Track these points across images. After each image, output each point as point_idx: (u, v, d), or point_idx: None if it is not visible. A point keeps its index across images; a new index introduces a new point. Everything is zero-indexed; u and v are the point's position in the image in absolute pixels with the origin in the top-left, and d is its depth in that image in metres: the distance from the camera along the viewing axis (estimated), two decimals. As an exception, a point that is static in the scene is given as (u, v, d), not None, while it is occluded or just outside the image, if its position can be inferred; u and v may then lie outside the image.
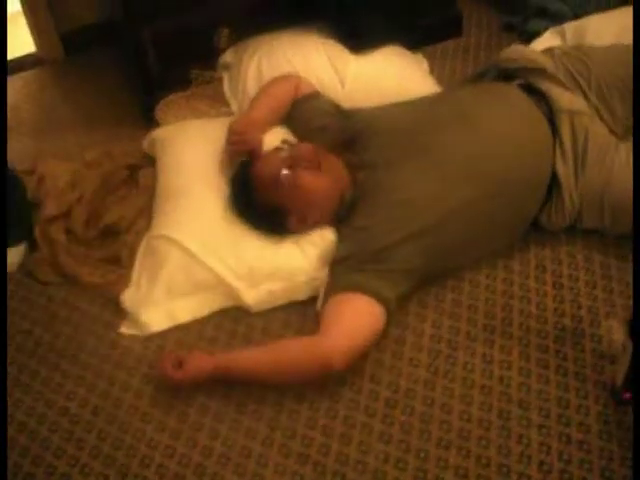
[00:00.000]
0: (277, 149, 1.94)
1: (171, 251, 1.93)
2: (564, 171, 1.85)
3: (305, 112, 2.14)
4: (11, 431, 1.71)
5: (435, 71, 2.58)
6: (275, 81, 2.22)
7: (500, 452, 1.54)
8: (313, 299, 1.86)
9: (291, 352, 1.71)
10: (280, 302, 1.90)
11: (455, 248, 1.84)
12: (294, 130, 2.15)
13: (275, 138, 2.04)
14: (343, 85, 2.27)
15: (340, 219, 1.90)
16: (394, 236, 1.76)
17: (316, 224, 1.91)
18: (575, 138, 1.87)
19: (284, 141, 1.96)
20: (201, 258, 1.89)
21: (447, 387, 1.68)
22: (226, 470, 1.59)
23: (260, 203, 1.90)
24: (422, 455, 1.56)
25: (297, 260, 1.90)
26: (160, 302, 1.91)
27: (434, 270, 1.84)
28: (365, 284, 1.71)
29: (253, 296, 1.89)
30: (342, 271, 1.78)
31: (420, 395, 1.67)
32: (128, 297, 1.94)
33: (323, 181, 1.87)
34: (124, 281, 1.98)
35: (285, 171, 1.84)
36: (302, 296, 1.90)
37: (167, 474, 1.59)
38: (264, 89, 2.21)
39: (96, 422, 1.71)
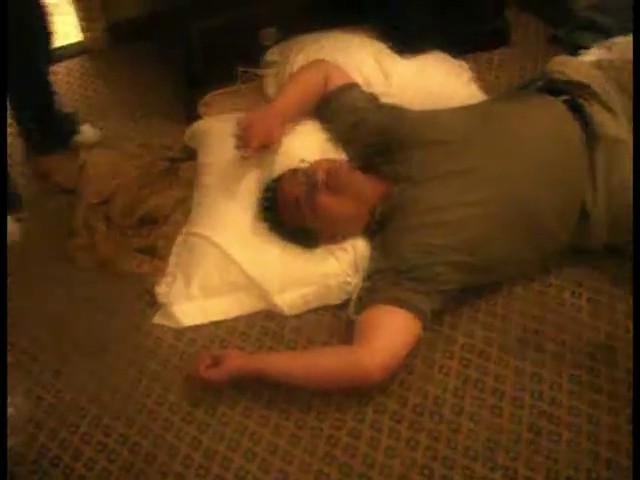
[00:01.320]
0: (294, 171, 1.91)
1: (208, 250, 1.95)
2: (593, 204, 1.80)
3: (339, 106, 2.09)
4: (40, 413, 1.73)
5: (478, 80, 2.56)
6: (305, 69, 2.16)
7: (528, 466, 1.53)
8: (345, 301, 1.87)
9: (329, 361, 1.69)
10: (313, 306, 1.91)
11: (490, 268, 1.81)
12: (326, 124, 2.13)
13: (305, 132, 2.06)
14: (390, 86, 2.26)
15: (373, 231, 1.90)
16: (428, 258, 1.73)
17: (348, 237, 1.91)
18: (610, 169, 1.81)
19: (302, 160, 1.93)
20: (237, 260, 1.91)
21: (477, 397, 1.67)
22: (252, 465, 1.59)
23: (287, 223, 1.91)
24: (448, 464, 1.55)
25: (329, 265, 1.90)
26: (194, 298, 1.93)
27: (469, 285, 1.82)
28: (405, 299, 1.69)
29: (286, 300, 1.90)
30: (380, 282, 1.75)
31: (449, 403, 1.66)
32: (163, 289, 1.96)
33: (344, 203, 1.84)
34: (159, 272, 2.00)
35: (303, 196, 1.83)
36: (334, 300, 1.90)
37: (192, 465, 1.60)
38: (293, 77, 2.17)
39: (125, 410, 1.73)
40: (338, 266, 1.89)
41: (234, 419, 1.68)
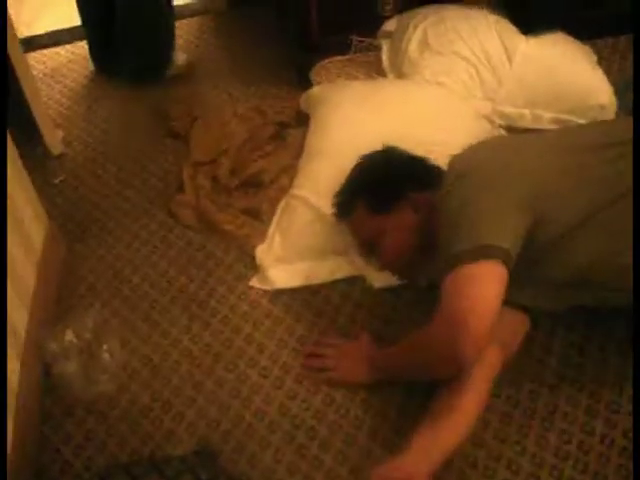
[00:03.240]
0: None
1: (306, 213, 1.93)
2: None
3: None
4: (135, 363, 1.76)
5: (603, 65, 2.44)
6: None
7: None
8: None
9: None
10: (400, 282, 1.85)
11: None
12: None
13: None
14: (510, 63, 2.18)
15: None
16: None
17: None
18: None
19: None
20: (334, 224, 1.88)
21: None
22: (336, 438, 1.57)
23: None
24: None
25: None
26: (289, 261, 1.92)
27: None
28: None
29: (375, 274, 1.86)
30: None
31: None
32: (261, 251, 1.96)
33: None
34: (260, 235, 2.00)
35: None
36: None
37: (278, 431, 1.60)
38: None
39: (216, 368, 1.73)
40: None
41: (322, 391, 1.66)
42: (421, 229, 1.61)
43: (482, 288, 1.31)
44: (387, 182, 1.66)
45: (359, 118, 2.04)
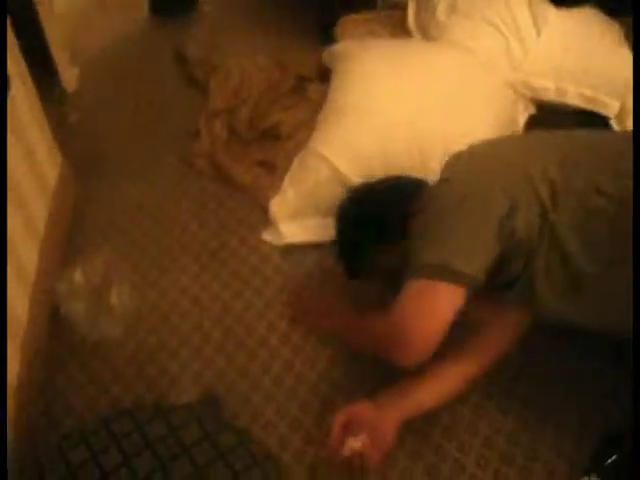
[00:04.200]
0: None
1: (321, 167, 1.90)
2: None
3: None
4: (144, 308, 1.76)
5: (628, 44, 2.40)
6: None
7: None
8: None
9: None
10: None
11: None
12: None
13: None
14: (538, 33, 2.15)
15: None
16: None
17: None
18: None
19: None
20: (348, 179, 1.85)
21: None
22: (338, 395, 1.58)
23: None
24: None
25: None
26: (301, 216, 1.91)
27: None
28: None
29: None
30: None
31: None
32: (274, 204, 1.95)
33: None
34: (274, 188, 1.98)
35: None
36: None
37: (282, 385, 1.60)
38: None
39: (224, 319, 1.73)
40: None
41: (327, 350, 1.66)
42: None
43: (436, 309, 1.31)
44: (386, 214, 1.55)
45: (382, 78, 2.01)
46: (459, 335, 1.39)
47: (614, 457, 1.35)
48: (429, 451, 1.48)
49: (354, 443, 1.34)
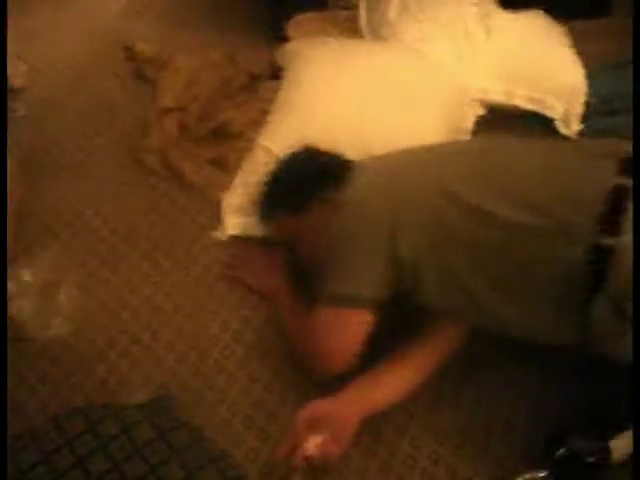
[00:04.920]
0: None
1: (269, 162, 1.89)
2: None
3: None
4: (92, 307, 1.73)
5: (575, 48, 2.46)
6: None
7: None
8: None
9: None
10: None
11: None
12: None
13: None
14: (487, 36, 2.18)
15: None
16: None
17: None
18: None
19: None
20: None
21: None
22: (292, 392, 1.58)
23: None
24: None
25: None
26: (248, 212, 1.87)
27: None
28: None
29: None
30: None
31: None
32: (224, 201, 1.94)
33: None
34: (226, 186, 1.97)
35: None
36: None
37: (235, 384, 1.59)
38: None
39: (175, 318, 1.72)
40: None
41: (284, 346, 1.66)
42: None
43: (345, 336, 1.43)
44: (300, 184, 1.63)
45: (332, 77, 2.02)
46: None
47: (562, 451, 1.39)
48: (382, 448, 1.49)
49: (316, 440, 1.35)
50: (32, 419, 1.48)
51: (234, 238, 1.88)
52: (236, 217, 1.91)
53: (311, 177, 1.63)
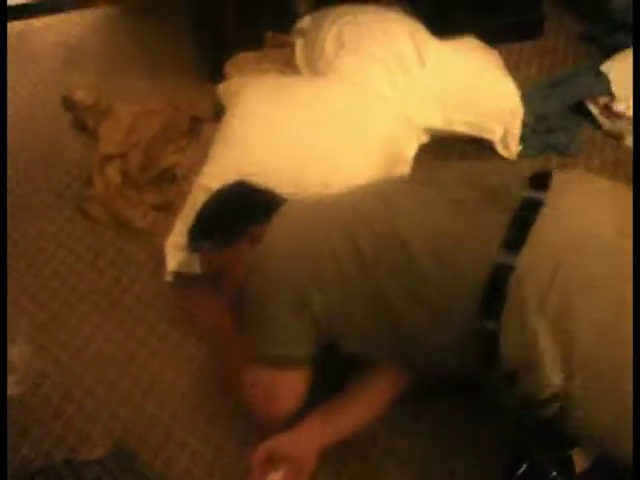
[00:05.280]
0: None
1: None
2: None
3: None
4: (45, 363, 1.70)
5: (509, 71, 2.51)
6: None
7: None
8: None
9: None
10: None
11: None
12: None
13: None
14: (423, 66, 2.21)
15: None
16: None
17: None
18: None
19: None
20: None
21: None
22: (253, 435, 1.55)
23: None
24: None
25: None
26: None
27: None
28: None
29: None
30: None
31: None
32: (168, 244, 1.90)
33: None
34: (172, 230, 1.95)
35: None
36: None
37: (196, 432, 1.58)
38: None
39: (130, 368, 1.70)
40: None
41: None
42: None
43: (282, 393, 1.42)
44: (227, 217, 1.63)
45: (268, 112, 2.03)
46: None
47: (524, 467, 1.39)
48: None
49: (276, 476, 1.34)
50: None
51: (185, 281, 1.85)
52: (177, 254, 1.86)
53: (238, 212, 1.62)
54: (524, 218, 1.27)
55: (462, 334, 1.28)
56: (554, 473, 1.36)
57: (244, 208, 1.62)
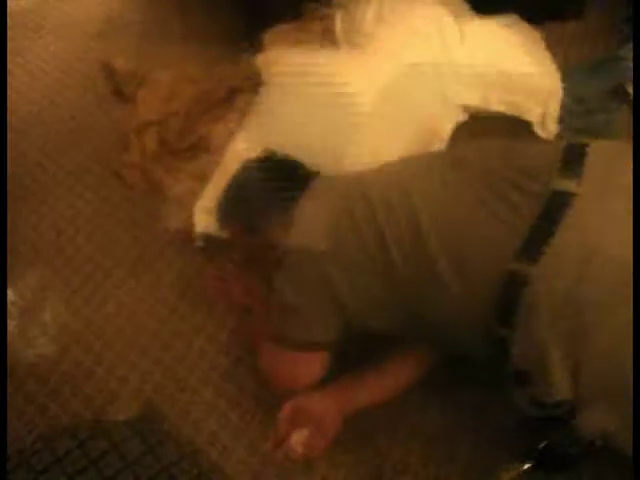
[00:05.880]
0: None
1: (235, 165, 1.88)
2: None
3: None
4: (78, 325, 1.73)
5: (550, 51, 2.48)
6: None
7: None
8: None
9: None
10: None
11: None
12: None
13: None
14: (462, 42, 2.19)
15: None
16: None
17: None
18: None
19: None
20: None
21: None
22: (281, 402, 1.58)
23: None
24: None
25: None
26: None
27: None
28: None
29: None
30: None
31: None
32: (198, 207, 1.91)
33: None
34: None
35: None
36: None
37: (224, 395, 1.60)
38: None
39: (161, 333, 1.72)
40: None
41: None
42: None
43: (302, 373, 1.44)
44: (256, 200, 1.59)
45: (302, 85, 2.03)
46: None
47: (545, 442, 1.38)
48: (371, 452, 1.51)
49: (300, 435, 1.36)
50: (20, 439, 1.48)
51: (216, 246, 1.84)
52: (206, 217, 1.87)
53: (267, 191, 1.58)
54: (547, 222, 1.22)
55: (476, 331, 1.28)
56: (573, 450, 1.35)
57: (274, 185, 1.58)
